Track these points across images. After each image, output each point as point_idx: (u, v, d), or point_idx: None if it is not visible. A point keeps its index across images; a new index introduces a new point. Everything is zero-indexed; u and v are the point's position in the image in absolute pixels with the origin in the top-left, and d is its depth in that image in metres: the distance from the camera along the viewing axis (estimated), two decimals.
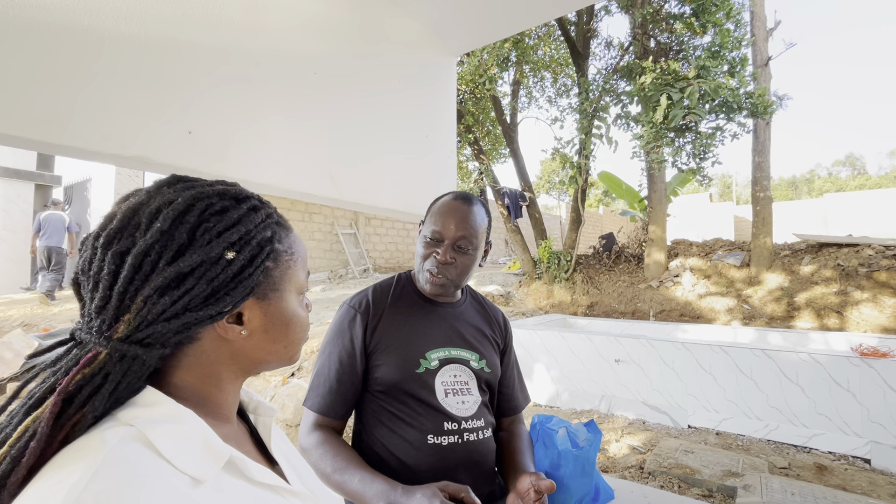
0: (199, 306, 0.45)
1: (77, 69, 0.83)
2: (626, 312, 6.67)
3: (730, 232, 17.12)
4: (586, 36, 7.36)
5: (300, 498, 0.53)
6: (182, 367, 0.48)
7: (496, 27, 1.73)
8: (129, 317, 0.43)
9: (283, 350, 0.54)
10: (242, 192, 0.52)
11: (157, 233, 0.44)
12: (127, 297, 0.43)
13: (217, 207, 0.48)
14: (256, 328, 0.51)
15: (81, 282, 0.45)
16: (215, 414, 0.51)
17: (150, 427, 0.41)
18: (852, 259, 5.90)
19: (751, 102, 5.55)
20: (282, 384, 3.71)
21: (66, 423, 0.40)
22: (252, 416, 0.61)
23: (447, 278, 1.04)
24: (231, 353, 0.50)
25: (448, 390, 1.02)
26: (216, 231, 0.47)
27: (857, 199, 16.10)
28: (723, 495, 2.33)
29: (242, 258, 0.48)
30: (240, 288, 0.48)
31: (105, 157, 0.85)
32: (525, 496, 0.86)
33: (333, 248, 10.31)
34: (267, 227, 0.51)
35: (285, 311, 0.53)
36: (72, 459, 0.38)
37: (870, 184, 35.14)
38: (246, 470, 0.47)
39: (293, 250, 0.55)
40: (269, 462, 0.57)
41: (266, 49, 1.16)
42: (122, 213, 0.45)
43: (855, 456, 2.77)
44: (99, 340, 0.43)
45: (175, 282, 0.44)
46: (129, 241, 0.44)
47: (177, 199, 0.46)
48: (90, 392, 0.41)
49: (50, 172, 9.25)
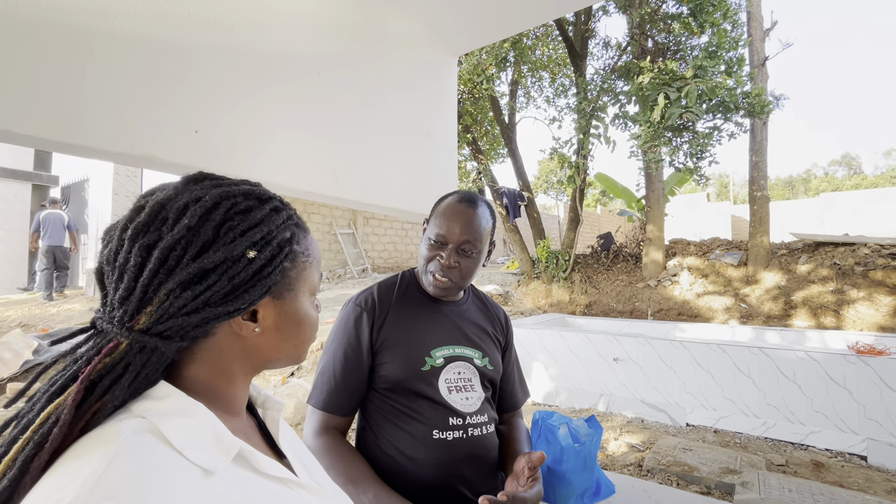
0: (218, 302, 0.46)
1: (86, 69, 0.84)
2: (625, 312, 6.69)
3: (727, 231, 17.18)
4: (584, 36, 7.38)
5: (308, 490, 0.54)
6: (196, 360, 0.49)
7: (496, 27, 1.74)
8: (151, 309, 0.44)
9: (293, 349, 0.55)
10: (266, 193, 0.53)
11: (184, 228, 0.45)
12: (151, 289, 0.44)
13: (242, 207, 0.49)
14: (269, 326, 0.52)
15: (106, 272, 0.46)
16: (226, 408, 0.52)
17: (162, 419, 0.42)
18: (848, 258, 5.93)
19: (748, 102, 5.58)
20: (281, 383, 3.71)
21: (87, 411, 0.41)
22: (260, 410, 0.62)
23: (451, 281, 1.05)
24: (243, 350, 0.51)
25: (452, 387, 1.03)
26: (240, 230, 0.47)
27: (853, 199, 16.19)
28: (721, 492, 2.35)
29: (263, 257, 0.49)
30: (258, 286, 0.49)
31: (114, 155, 0.87)
32: (520, 474, 0.88)
33: (332, 248, 10.31)
34: (287, 229, 0.52)
35: (298, 310, 0.54)
36: (88, 450, 0.39)
37: (866, 183, 35.29)
38: (255, 462, 0.48)
39: (309, 252, 0.56)
40: (277, 455, 0.58)
41: (271, 50, 1.17)
42: (151, 207, 0.46)
43: (851, 453, 2.80)
44: (120, 331, 0.43)
45: (198, 277, 0.45)
46: (156, 235, 0.45)
47: (204, 196, 0.47)
48: (111, 381, 0.42)
49: (47, 172, 9.21)
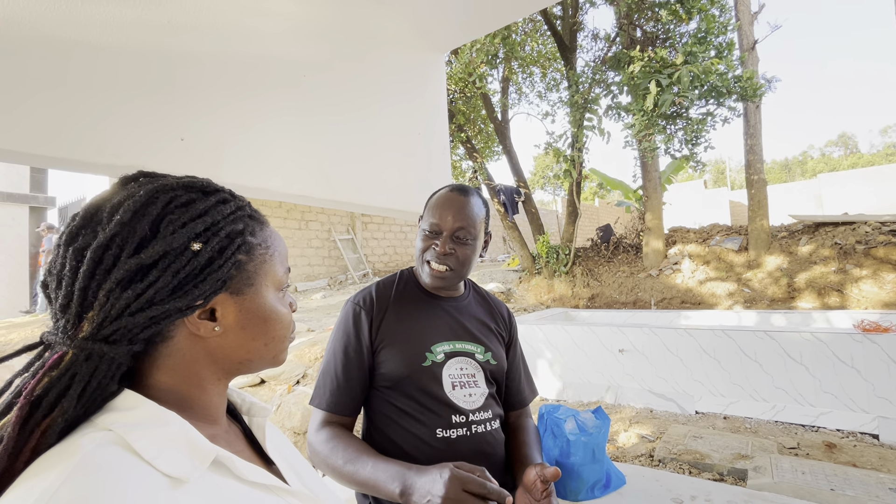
0: (165, 299, 0.44)
1: (67, 81, 0.83)
2: (628, 303, 6.67)
3: (726, 217, 17.16)
4: (573, 29, 7.37)
5: (298, 497, 0.52)
6: (159, 367, 0.47)
7: (480, 22, 1.73)
8: (93, 313, 0.42)
9: (265, 348, 0.52)
10: (211, 185, 0.51)
11: (118, 225, 0.42)
12: (89, 292, 0.42)
13: (182, 199, 0.47)
14: (232, 325, 0.49)
15: (49, 283, 0.44)
16: (200, 416, 0.49)
17: (130, 430, 0.40)
18: (849, 237, 5.92)
19: (740, 86, 5.57)
20: (287, 392, 3.70)
21: (35, 429, 0.39)
22: (246, 417, 0.60)
23: (448, 269, 1.04)
24: (209, 352, 0.49)
25: (455, 383, 1.02)
26: (180, 222, 0.45)
27: (850, 178, 16.15)
28: (734, 478, 2.33)
29: (210, 249, 0.46)
30: (209, 280, 0.46)
31: (99, 167, 0.85)
32: (532, 488, 0.85)
33: (332, 254, 10.31)
34: (238, 220, 0.50)
35: (262, 306, 0.52)
36: (47, 466, 0.37)
37: (862, 162, 35.24)
38: (235, 469, 0.46)
39: (269, 244, 0.53)
40: (266, 463, 0.56)
41: (254, 54, 1.16)
42: (85, 210, 0.45)
43: (863, 432, 2.78)
44: (64, 340, 0.41)
45: (138, 274, 0.43)
46: (91, 237, 0.43)
47: (139, 191, 0.45)
48: (57, 394, 0.40)
49: (44, 194, 9.20)
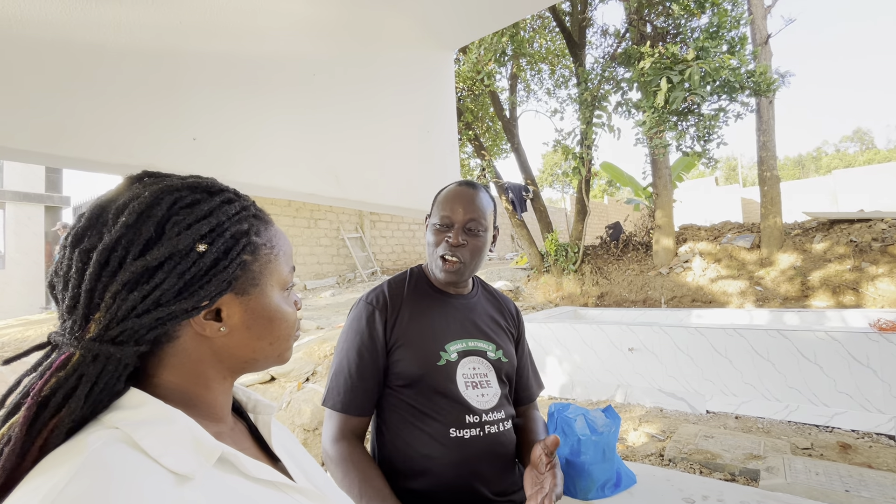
0: (171, 301, 0.44)
1: (79, 82, 0.84)
2: (637, 301, 6.62)
3: (738, 214, 16.93)
4: (582, 25, 7.31)
5: (305, 494, 0.52)
6: (166, 366, 0.47)
7: (489, 19, 1.72)
8: (100, 315, 0.42)
9: (270, 347, 0.53)
10: (216, 185, 0.51)
11: (123, 227, 0.43)
12: (96, 294, 0.42)
13: (187, 200, 0.47)
14: (237, 324, 0.50)
15: (55, 284, 0.45)
16: (206, 414, 0.50)
17: (136, 428, 0.41)
18: (865, 234, 5.80)
19: (752, 81, 5.48)
20: (297, 389, 3.73)
21: (43, 429, 0.39)
22: (252, 415, 0.60)
23: (461, 262, 1.04)
24: (214, 352, 0.49)
25: (469, 383, 1.02)
26: (186, 223, 0.45)
27: (866, 174, 15.86)
28: (745, 478, 2.30)
29: (216, 250, 0.46)
30: (214, 281, 0.46)
31: (112, 167, 0.86)
32: (538, 464, 0.86)
33: (340, 252, 10.36)
34: (243, 220, 0.50)
35: (267, 306, 0.52)
36: (54, 464, 0.37)
37: (879, 157, 34.53)
38: (241, 466, 0.46)
39: (273, 243, 0.53)
40: (272, 460, 0.56)
41: (264, 53, 1.16)
42: (90, 211, 0.45)
43: (879, 433, 2.73)
44: (71, 341, 0.42)
45: (144, 276, 0.43)
46: (96, 238, 0.43)
47: (144, 193, 0.45)
48: (65, 395, 0.41)
49: (59, 194, 9.38)
